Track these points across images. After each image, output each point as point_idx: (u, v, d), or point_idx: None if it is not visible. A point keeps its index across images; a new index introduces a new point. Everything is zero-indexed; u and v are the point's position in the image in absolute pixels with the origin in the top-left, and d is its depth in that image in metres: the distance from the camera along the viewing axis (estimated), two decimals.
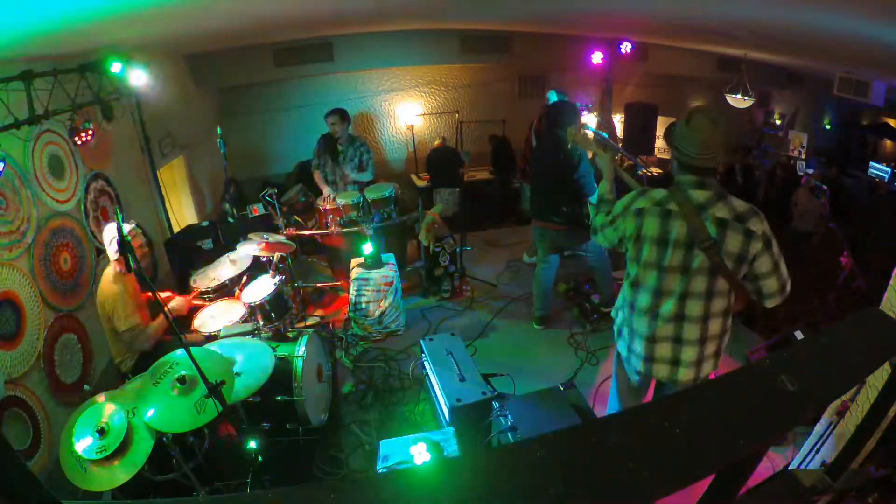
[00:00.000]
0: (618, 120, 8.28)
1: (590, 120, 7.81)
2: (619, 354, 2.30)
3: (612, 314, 2.33)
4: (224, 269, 3.62)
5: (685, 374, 2.05)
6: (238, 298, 3.52)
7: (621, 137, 8.05)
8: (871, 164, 7.91)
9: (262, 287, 3.55)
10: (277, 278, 3.57)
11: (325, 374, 3.36)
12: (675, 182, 1.96)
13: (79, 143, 3.31)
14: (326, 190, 5.00)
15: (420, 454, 2.20)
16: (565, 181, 3.65)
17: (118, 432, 2.17)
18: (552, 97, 5.09)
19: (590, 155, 3.76)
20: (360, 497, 0.78)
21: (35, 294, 2.93)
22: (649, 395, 2.36)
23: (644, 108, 7.91)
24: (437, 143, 7.51)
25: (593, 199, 3.76)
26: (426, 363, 3.14)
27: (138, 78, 3.97)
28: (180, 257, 4.37)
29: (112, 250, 2.84)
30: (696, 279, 1.90)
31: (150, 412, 2.20)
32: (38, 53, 2.95)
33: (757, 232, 1.81)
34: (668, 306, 1.97)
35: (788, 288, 1.90)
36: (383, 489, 0.78)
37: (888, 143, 7.98)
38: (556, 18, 5.18)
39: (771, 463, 2.55)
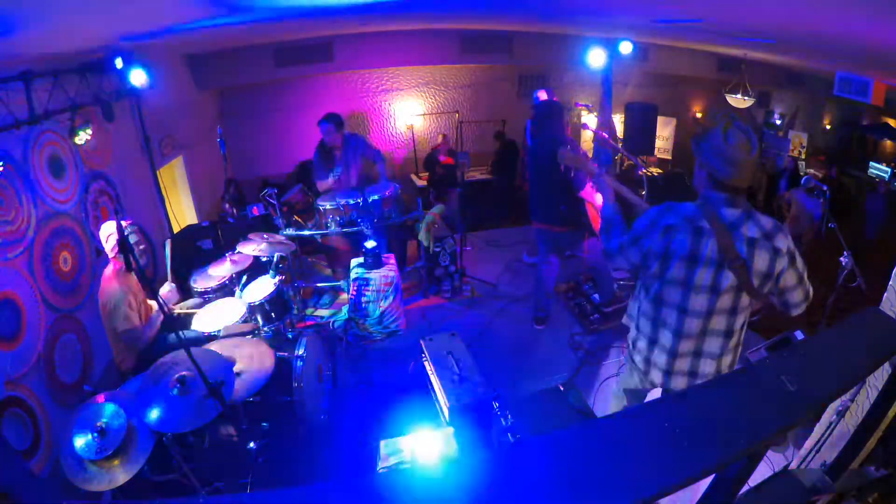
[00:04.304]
0: (618, 120, 8.28)
1: (590, 120, 7.82)
2: (632, 365, 2.23)
3: (624, 321, 2.26)
4: (224, 269, 3.62)
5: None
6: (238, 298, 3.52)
7: (621, 137, 8.06)
8: (871, 164, 7.91)
9: (262, 287, 3.55)
10: (277, 278, 3.57)
11: (324, 374, 3.36)
12: (703, 197, 1.90)
13: (79, 143, 3.31)
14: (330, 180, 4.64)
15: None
16: (562, 181, 3.64)
17: (118, 432, 2.17)
18: (537, 98, 5.07)
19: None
20: (360, 497, 0.78)
21: (35, 294, 2.93)
22: None
23: (644, 108, 7.92)
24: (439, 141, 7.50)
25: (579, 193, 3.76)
26: (426, 363, 3.14)
27: (138, 78, 3.98)
28: (180, 257, 4.36)
29: (109, 247, 2.84)
30: (723, 297, 1.89)
31: (151, 412, 2.20)
32: (38, 53, 2.95)
33: (782, 249, 1.81)
34: (693, 323, 1.95)
35: (811, 295, 1.91)
36: (383, 489, 0.78)
37: (888, 143, 7.98)
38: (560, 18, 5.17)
39: (771, 463, 2.55)
